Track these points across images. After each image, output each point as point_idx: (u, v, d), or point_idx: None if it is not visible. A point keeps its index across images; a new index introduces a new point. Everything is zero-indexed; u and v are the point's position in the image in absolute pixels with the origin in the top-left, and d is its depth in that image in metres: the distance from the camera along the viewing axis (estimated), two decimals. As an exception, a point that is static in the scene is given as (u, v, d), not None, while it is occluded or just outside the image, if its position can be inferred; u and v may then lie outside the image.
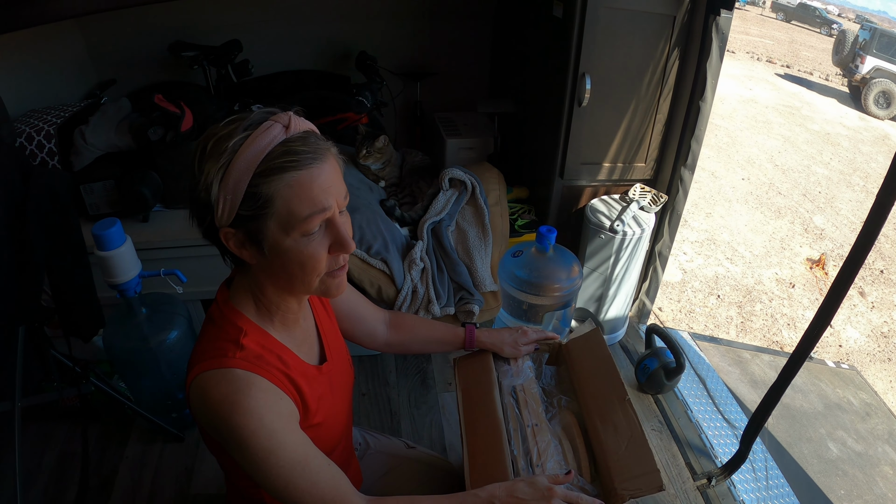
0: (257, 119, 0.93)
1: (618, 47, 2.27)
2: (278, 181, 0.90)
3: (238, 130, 0.91)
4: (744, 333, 5.04)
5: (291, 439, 0.98)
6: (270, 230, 0.93)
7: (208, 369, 0.96)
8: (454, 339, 1.51)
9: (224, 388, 0.94)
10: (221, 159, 0.90)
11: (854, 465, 3.26)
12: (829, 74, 14.67)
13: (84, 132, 2.21)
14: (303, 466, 0.98)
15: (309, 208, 0.92)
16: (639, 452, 1.22)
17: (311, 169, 0.91)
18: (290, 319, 1.10)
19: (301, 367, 1.09)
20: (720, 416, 2.58)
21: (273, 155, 0.90)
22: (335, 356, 1.24)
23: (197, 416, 1.00)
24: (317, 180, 0.92)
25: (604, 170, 2.55)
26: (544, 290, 2.09)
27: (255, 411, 0.93)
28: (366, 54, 3.00)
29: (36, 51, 2.48)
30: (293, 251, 0.95)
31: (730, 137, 9.64)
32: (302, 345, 1.15)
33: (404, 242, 2.45)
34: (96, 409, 2.26)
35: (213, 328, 1.05)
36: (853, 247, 1.53)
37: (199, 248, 2.21)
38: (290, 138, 0.92)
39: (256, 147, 0.90)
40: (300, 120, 0.96)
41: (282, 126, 0.92)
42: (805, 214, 7.22)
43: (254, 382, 0.96)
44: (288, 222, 0.92)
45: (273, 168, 0.90)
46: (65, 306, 1.77)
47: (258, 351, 1.01)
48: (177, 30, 2.87)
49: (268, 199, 0.90)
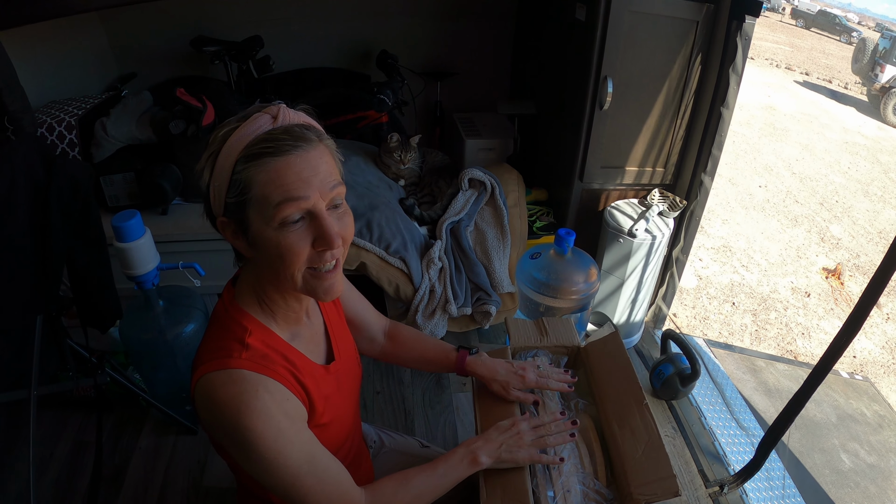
0: (250, 111, 0.95)
1: (640, 51, 2.26)
2: (256, 167, 0.90)
3: (232, 122, 0.94)
4: (758, 341, 5.00)
5: (299, 439, 0.98)
6: (252, 219, 0.93)
7: (214, 370, 0.95)
8: (446, 363, 1.45)
9: (231, 389, 0.93)
10: (212, 148, 0.94)
11: (866, 478, 3.23)
12: (848, 83, 14.56)
13: (105, 124, 2.22)
14: (309, 465, 0.98)
15: (281, 195, 0.90)
16: (655, 457, 1.21)
17: (289, 156, 0.91)
18: (292, 318, 1.09)
19: (308, 367, 1.08)
20: (734, 424, 2.56)
21: (254, 142, 0.91)
22: (343, 356, 1.23)
23: (202, 417, 0.98)
24: (293, 167, 0.91)
25: (623, 174, 2.53)
26: (562, 293, 2.08)
27: (263, 412, 0.92)
28: (387, 53, 3.00)
29: (58, 43, 2.49)
30: (272, 242, 0.93)
31: (748, 144, 9.57)
32: (309, 344, 1.14)
33: (423, 241, 2.45)
34: (111, 399, 2.28)
35: (217, 327, 1.04)
36: (883, 261, 1.51)
37: (217, 241, 2.20)
38: (276, 128, 0.92)
39: (242, 135, 0.92)
40: (292, 112, 0.97)
41: (270, 116, 0.94)
42: (822, 223, 7.16)
43: (261, 383, 0.95)
44: (264, 209, 0.91)
45: (252, 154, 0.90)
46: (83, 296, 1.78)
47: (263, 350, 1.00)
48: (199, 24, 2.88)
49: (247, 185, 0.91)
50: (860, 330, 1.63)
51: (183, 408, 2.20)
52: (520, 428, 1.22)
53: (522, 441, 1.19)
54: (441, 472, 1.14)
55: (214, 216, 0.99)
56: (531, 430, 1.22)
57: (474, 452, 1.16)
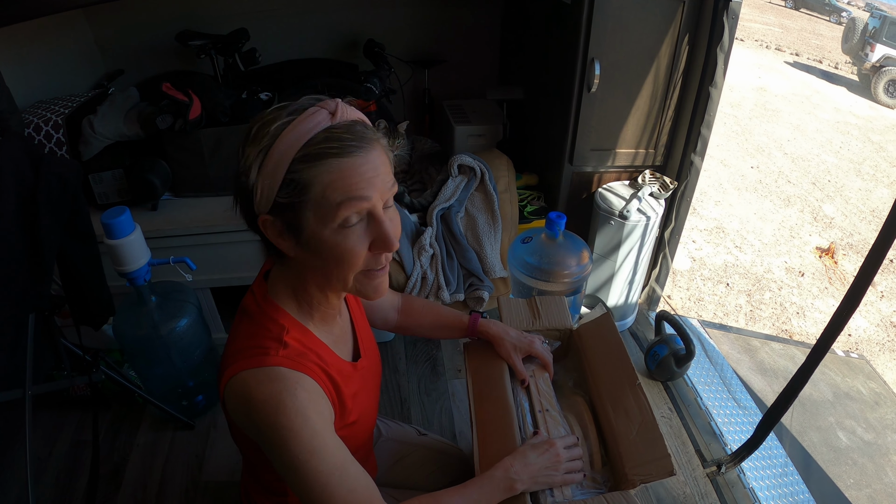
0: (303, 105, 0.91)
1: (627, 32, 2.25)
2: (317, 167, 0.87)
3: (282, 115, 0.90)
4: (753, 322, 5.02)
5: (332, 443, 0.96)
6: (308, 220, 0.90)
7: (250, 367, 0.94)
8: (459, 326, 1.48)
9: (269, 388, 0.92)
10: (262, 143, 0.89)
11: (863, 455, 3.25)
12: (838, 63, 14.51)
13: (92, 122, 2.20)
14: (341, 472, 0.95)
15: (343, 194, 0.88)
16: (649, 437, 1.21)
17: (355, 157, 0.88)
18: (329, 316, 1.09)
19: (338, 365, 1.08)
20: (730, 404, 2.57)
21: (314, 140, 0.87)
22: (368, 352, 1.23)
23: (235, 415, 0.97)
24: (358, 169, 0.88)
25: (613, 156, 2.53)
26: (554, 277, 2.09)
27: (301, 411, 0.91)
28: (373, 42, 2.99)
29: (43, 42, 2.47)
30: (330, 244, 0.91)
31: (739, 126, 9.58)
32: (338, 342, 1.14)
33: (413, 229, 2.45)
34: (107, 397, 2.28)
35: (251, 324, 1.02)
36: (876, 239, 1.50)
37: (207, 235, 2.21)
38: (335, 125, 0.89)
39: (298, 132, 0.87)
40: (349, 108, 0.93)
41: (327, 112, 0.90)
42: (815, 203, 7.18)
43: (299, 381, 0.94)
44: (324, 210, 0.89)
45: (313, 154, 0.87)
46: (75, 294, 1.78)
47: (301, 349, 0.99)
48: (184, 19, 2.86)
49: (306, 186, 0.88)
50: (857, 309, 1.62)
51: (179, 403, 2.20)
52: (557, 450, 1.19)
53: (560, 466, 1.18)
54: (475, 497, 1.11)
55: (255, 213, 0.94)
56: (565, 450, 1.21)
57: (512, 481, 1.13)
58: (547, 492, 1.17)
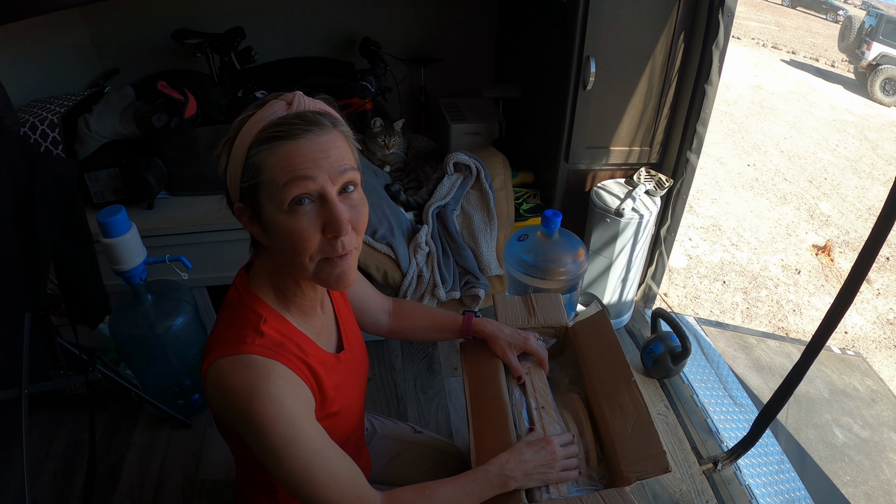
0: (267, 99, 0.96)
1: (622, 30, 2.25)
2: (267, 149, 0.91)
3: (249, 109, 0.95)
4: (749, 319, 5.03)
5: (310, 429, 0.97)
6: (264, 203, 0.93)
7: (226, 355, 0.95)
8: (454, 327, 1.48)
9: (243, 375, 0.93)
10: (229, 134, 0.95)
11: (860, 452, 3.25)
12: (835, 61, 14.53)
13: (88, 121, 2.20)
14: (321, 457, 0.97)
15: (287, 175, 0.90)
16: (645, 434, 1.21)
17: (301, 140, 0.91)
18: (307, 307, 1.09)
19: (319, 356, 1.08)
20: (727, 401, 2.57)
21: (267, 126, 0.91)
22: (352, 345, 1.24)
23: (213, 404, 0.98)
24: (303, 149, 0.91)
25: (609, 153, 2.53)
26: (550, 274, 2.09)
27: (275, 398, 0.92)
28: (369, 40, 2.99)
29: (39, 41, 2.47)
30: (283, 227, 0.93)
31: (736, 124, 9.59)
32: (321, 333, 1.14)
33: (409, 227, 2.45)
34: (103, 396, 2.28)
35: (231, 314, 1.04)
36: (869, 237, 1.50)
37: (203, 234, 2.20)
38: (289, 113, 0.93)
39: (256, 120, 0.93)
40: (307, 99, 0.97)
41: (285, 103, 0.94)
42: (811, 201, 7.19)
43: (273, 369, 0.95)
44: (273, 191, 0.91)
45: (265, 138, 0.91)
46: (71, 293, 1.77)
47: (278, 338, 1.00)
48: (180, 18, 2.85)
49: (258, 169, 0.92)
50: (851, 305, 1.63)
51: (176, 402, 2.19)
52: (553, 448, 1.19)
53: (556, 463, 1.18)
54: (468, 489, 1.11)
55: (232, 203, 0.99)
56: (561, 447, 1.21)
57: (506, 477, 1.13)
58: (542, 489, 1.17)
